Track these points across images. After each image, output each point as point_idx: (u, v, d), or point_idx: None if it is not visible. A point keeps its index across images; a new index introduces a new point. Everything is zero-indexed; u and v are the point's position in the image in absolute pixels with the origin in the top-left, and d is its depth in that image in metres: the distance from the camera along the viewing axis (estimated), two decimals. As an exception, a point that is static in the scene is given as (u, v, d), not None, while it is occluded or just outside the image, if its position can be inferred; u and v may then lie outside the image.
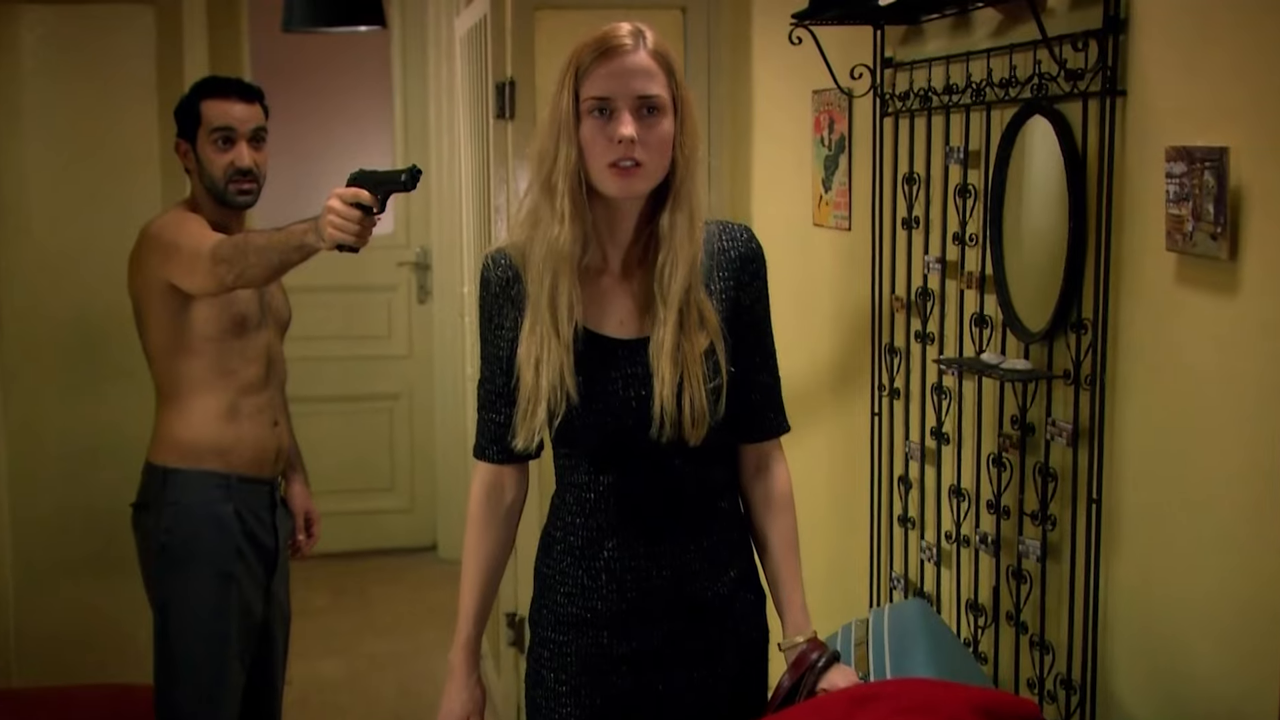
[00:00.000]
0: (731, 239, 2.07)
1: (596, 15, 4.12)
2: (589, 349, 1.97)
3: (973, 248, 2.68)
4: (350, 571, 5.96)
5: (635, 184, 1.92)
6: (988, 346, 2.63)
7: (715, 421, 1.97)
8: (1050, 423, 2.41)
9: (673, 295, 1.96)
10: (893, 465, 3.07)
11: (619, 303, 2.01)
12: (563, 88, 1.93)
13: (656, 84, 1.92)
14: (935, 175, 2.83)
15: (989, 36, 2.63)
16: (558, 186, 1.93)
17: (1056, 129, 2.38)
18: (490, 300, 2.05)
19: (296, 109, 5.95)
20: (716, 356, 1.98)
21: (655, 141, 1.92)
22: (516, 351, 1.99)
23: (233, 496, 3.01)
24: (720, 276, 2.04)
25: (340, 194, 2.47)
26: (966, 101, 2.66)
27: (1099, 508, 2.30)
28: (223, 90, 3.03)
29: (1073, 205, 2.34)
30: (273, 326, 3.13)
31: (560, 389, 1.94)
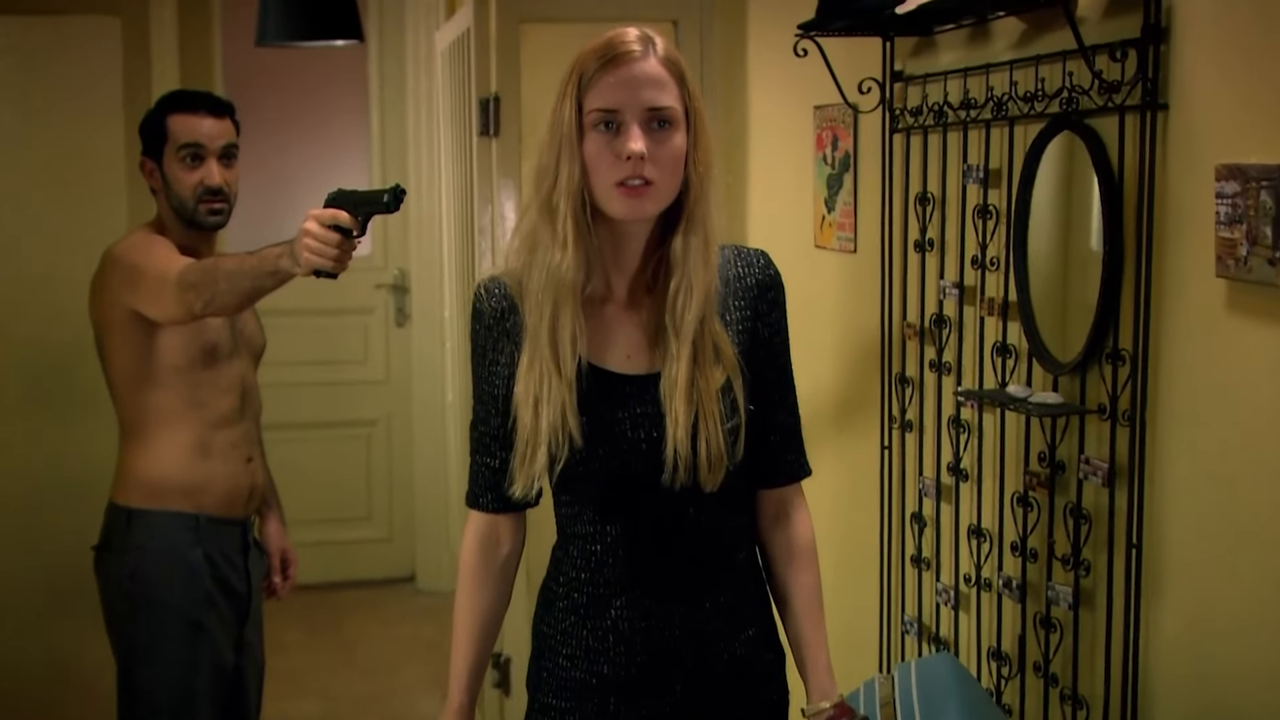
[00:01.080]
0: (748, 265, 1.90)
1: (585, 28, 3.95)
2: (594, 386, 1.79)
3: (994, 272, 2.51)
4: (325, 604, 5.76)
5: (645, 205, 1.74)
6: (1011, 378, 2.46)
7: (733, 465, 1.80)
8: (1084, 460, 2.25)
9: (686, 326, 1.78)
10: (904, 501, 2.90)
11: (626, 335, 1.84)
12: (564, 99, 1.76)
13: (668, 94, 1.75)
14: (951, 195, 2.66)
15: (1011, 48, 2.47)
16: (558, 208, 1.76)
17: (1089, 145, 2.22)
18: (483, 333, 1.87)
19: (270, 126, 5.78)
20: (734, 393, 1.80)
21: (667, 158, 1.75)
22: (513, 390, 1.82)
23: (202, 539, 2.82)
24: (736, 306, 1.87)
25: (317, 216, 2.29)
26: (986, 117, 2.50)
27: (1139, 553, 2.13)
28: (191, 104, 2.84)
29: (1107, 227, 2.17)
30: (246, 355, 2.94)
31: (562, 430, 1.77)
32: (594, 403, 1.79)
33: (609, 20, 3.79)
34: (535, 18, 3.80)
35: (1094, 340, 2.21)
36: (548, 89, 3.88)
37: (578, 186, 1.74)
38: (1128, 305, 2.15)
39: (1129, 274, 2.15)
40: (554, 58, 3.96)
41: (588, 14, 3.77)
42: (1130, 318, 2.14)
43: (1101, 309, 2.20)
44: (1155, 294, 2.09)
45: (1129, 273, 2.15)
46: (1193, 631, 2.06)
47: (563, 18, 3.81)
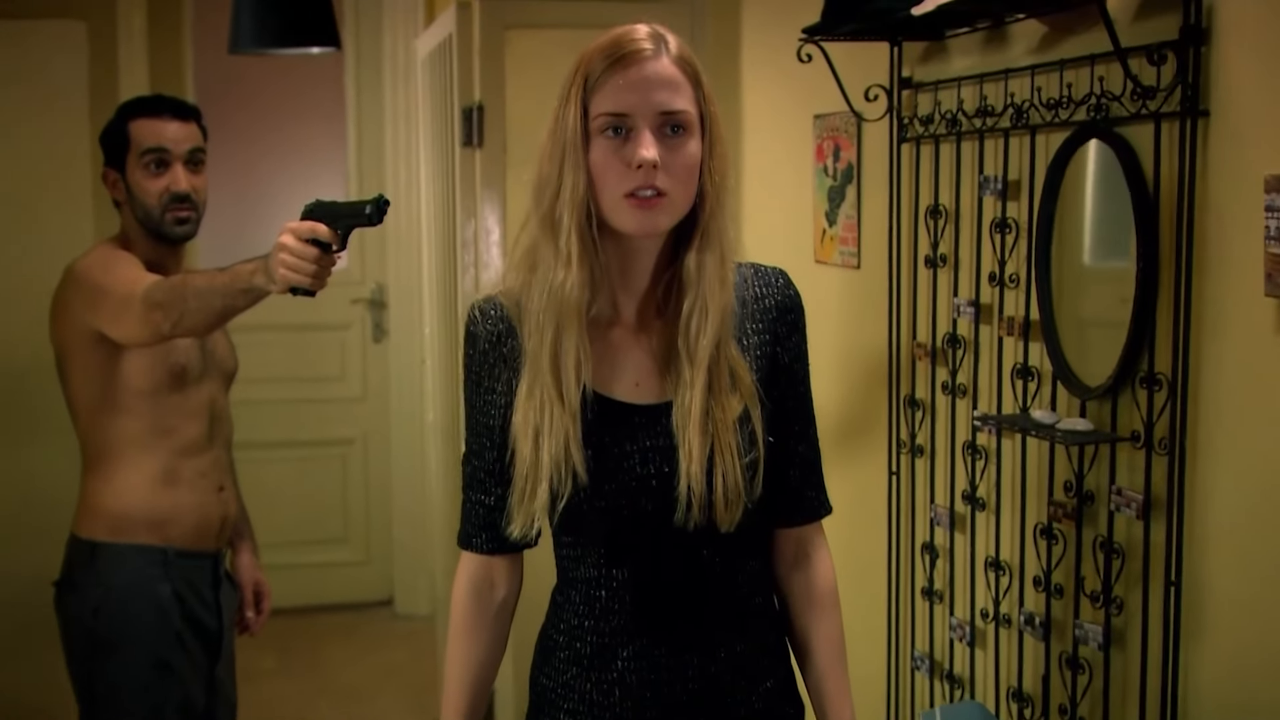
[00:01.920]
0: (766, 285, 1.75)
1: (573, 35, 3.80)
2: (599, 416, 1.64)
3: (1013, 290, 2.37)
4: (300, 629, 5.57)
5: (658, 218, 1.59)
6: (1033, 402, 2.32)
7: (751, 502, 1.65)
8: (1115, 491, 2.10)
9: (701, 351, 1.63)
10: (914, 530, 2.75)
11: (634, 361, 1.68)
12: (568, 102, 1.61)
13: (682, 97, 1.60)
14: (965, 208, 2.52)
15: (1031, 52, 2.33)
16: (562, 221, 1.60)
17: (1120, 155, 2.08)
18: (478, 359, 1.71)
19: (244, 137, 5.61)
20: (752, 424, 1.65)
21: (681, 167, 1.60)
22: (511, 420, 1.66)
23: (170, 574, 2.65)
24: (754, 329, 1.72)
25: (294, 229, 2.13)
26: (1005, 125, 2.36)
27: (1178, 590, 1.99)
28: (153, 108, 2.68)
29: (1141, 242, 2.03)
30: (216, 378, 2.77)
31: (565, 465, 1.61)
32: (600, 434, 1.64)
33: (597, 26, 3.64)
34: (521, 23, 3.65)
35: (1126, 363, 2.07)
36: (534, 98, 3.76)
37: (583, 198, 1.59)
38: (1164, 326, 2.01)
39: (1165, 292, 2.01)
40: (540, 65, 3.83)
41: (575, 20, 3.62)
42: (1167, 339, 2.00)
43: (1134, 330, 2.06)
44: (1195, 314, 1.95)
45: (1165, 291, 2.01)
46: (1236, 675, 1.92)
47: (549, 23, 3.67)
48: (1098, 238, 2.20)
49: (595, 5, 3.59)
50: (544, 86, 3.70)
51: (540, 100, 3.66)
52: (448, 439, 4.27)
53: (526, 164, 3.64)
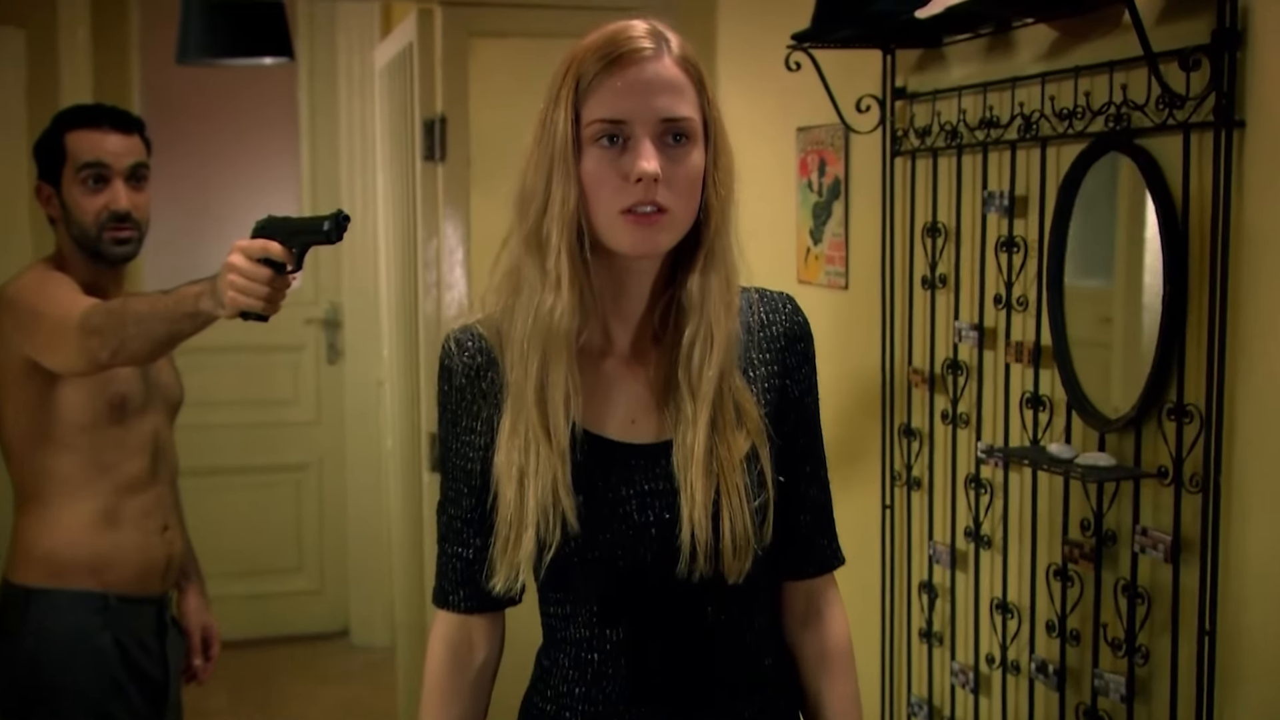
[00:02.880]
0: (773, 310, 1.58)
1: (540, 44, 3.66)
2: (591, 457, 1.47)
3: (1021, 313, 2.22)
4: (252, 663, 5.34)
5: (658, 236, 1.42)
6: (1045, 434, 2.16)
7: (762, 549, 1.48)
8: (1140, 531, 1.95)
9: (705, 384, 1.46)
10: (910, 568, 2.59)
11: (629, 395, 1.51)
12: (556, 106, 1.43)
13: (685, 102, 1.43)
14: (967, 226, 2.37)
15: (1039, 59, 2.18)
16: (550, 240, 1.43)
17: (1143, 169, 1.93)
18: (454, 395, 1.53)
19: (193, 151, 5.40)
20: (760, 464, 1.48)
21: (683, 179, 1.43)
22: (492, 461, 1.48)
23: (111, 622, 2.44)
24: (761, 360, 1.55)
25: (245, 248, 1.94)
26: (1012, 137, 2.21)
27: (1213, 640, 1.84)
28: (92, 119, 2.47)
29: (1169, 263, 1.89)
30: (160, 409, 2.57)
31: (553, 511, 1.43)
32: (592, 477, 1.47)
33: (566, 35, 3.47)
34: (485, 31, 3.48)
35: (1151, 393, 1.92)
36: (499, 109, 3.59)
37: (573, 213, 1.42)
38: (1195, 354, 1.86)
39: (1195, 317, 1.86)
40: (506, 75, 3.67)
41: (543, 28, 3.46)
42: (1199, 368, 1.85)
43: (1160, 357, 1.91)
44: (1231, 341, 1.81)
45: (1195, 316, 1.86)
46: (1277, 733, 1.77)
47: (515, 32, 3.50)
48: (1117, 258, 2.05)
49: (564, 12, 3.43)
50: (510, 97, 3.57)
51: (506, 112, 3.54)
52: (407, 464, 4.08)
53: (492, 178, 3.51)
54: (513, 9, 3.49)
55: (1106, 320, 2.07)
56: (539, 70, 3.50)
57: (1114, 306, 2.06)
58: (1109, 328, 2.07)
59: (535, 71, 3.46)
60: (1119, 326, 2.05)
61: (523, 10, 3.49)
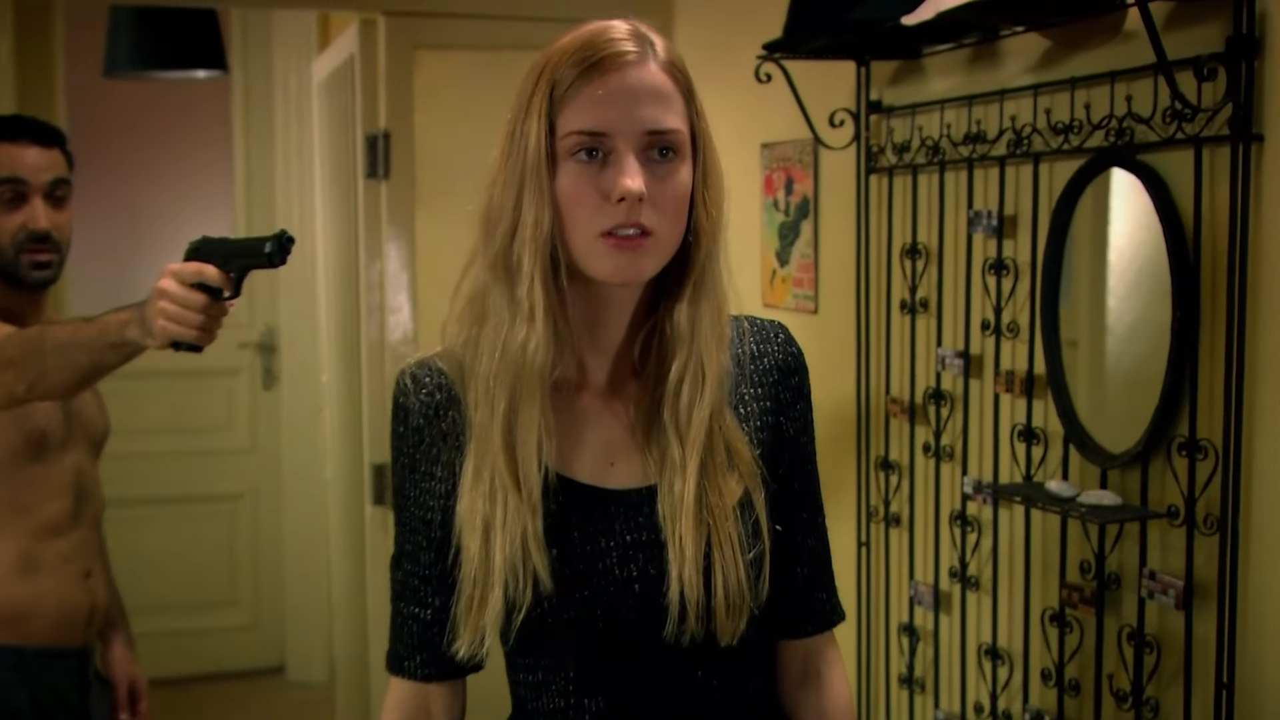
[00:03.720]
0: (764, 341, 1.43)
1: (488, 56, 3.53)
2: (567, 506, 1.31)
3: (1011, 340, 2.09)
4: (184, 702, 5.11)
5: (642, 262, 1.27)
6: (1039, 469, 2.03)
7: (758, 606, 1.32)
8: (1148, 575, 1.82)
9: (695, 426, 1.31)
10: (888, 610, 2.45)
11: (607, 436, 1.35)
12: (527, 115, 1.27)
13: (673, 113, 1.28)
14: (951, 246, 2.24)
15: (1030, 70, 2.05)
16: (520, 265, 1.27)
17: (1148, 186, 1.81)
18: (410, 438, 1.37)
19: (121, 167, 5.19)
20: (755, 511, 1.33)
21: (670, 199, 1.27)
22: (455, 510, 1.32)
23: (29, 678, 2.23)
24: (753, 395, 1.40)
25: (177, 272, 1.78)
26: (1000, 153, 2.08)
27: (1230, 693, 1.71)
28: (8, 131, 2.27)
29: (1177, 287, 1.76)
30: (83, 445, 2.37)
31: (524, 567, 1.27)
32: (567, 528, 1.31)
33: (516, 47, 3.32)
34: (431, 43, 3.32)
35: (1159, 426, 1.79)
36: (445, 124, 3.42)
37: (547, 236, 1.26)
38: (1207, 384, 1.73)
39: (1208, 345, 1.73)
40: (452, 89, 3.50)
41: (491, 40, 3.32)
42: (1212, 400, 1.72)
43: (1169, 388, 1.78)
44: (1249, 370, 1.68)
45: (1208, 344, 1.73)
46: (1300, 793, 1.64)
47: (462, 44, 3.35)
48: (1118, 281, 1.92)
49: (514, 24, 3.29)
50: (457, 112, 3.42)
51: (453, 127, 3.39)
52: (349, 495, 3.90)
53: (438, 197, 3.35)
54: (460, 20, 3.33)
55: (1107, 348, 1.94)
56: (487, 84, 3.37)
57: (1115, 333, 1.93)
58: (1109, 356, 1.94)
59: (483, 85, 3.37)
60: (1121, 355, 1.92)
61: (470, 21, 3.33)
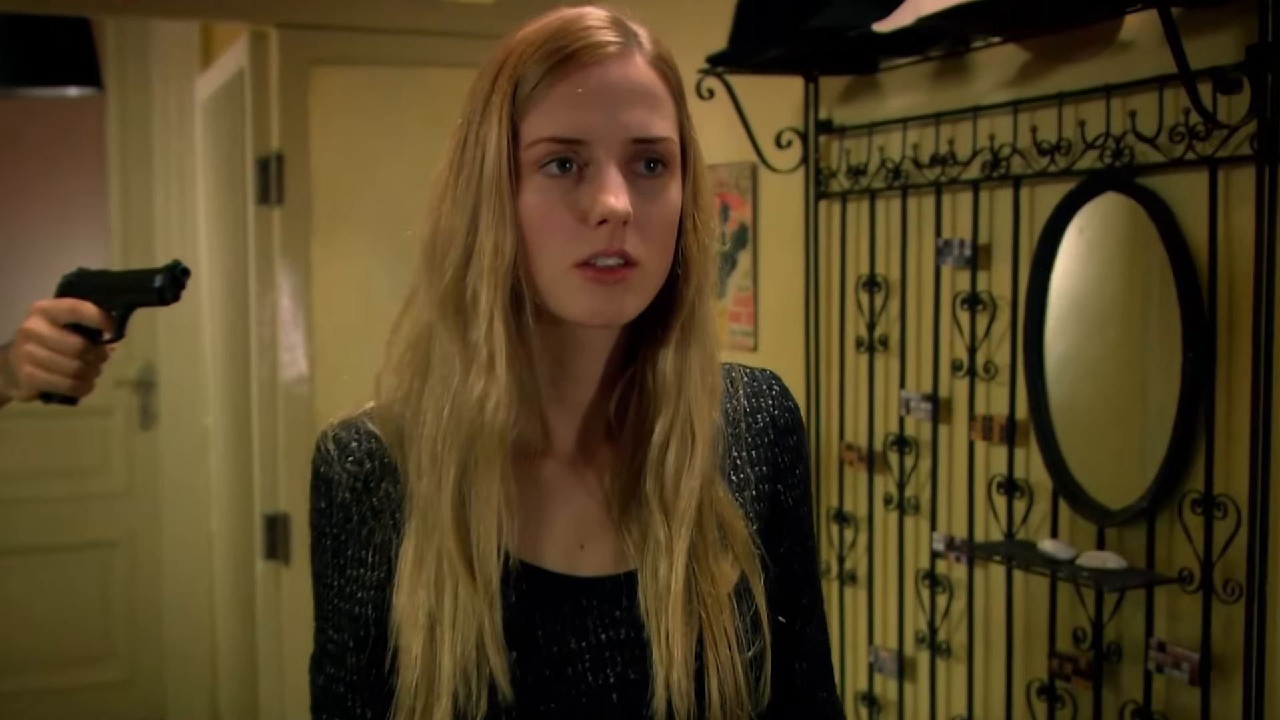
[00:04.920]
0: (757, 394, 1.21)
1: (391, 73, 3.27)
2: (530, 598, 1.07)
3: (988, 382, 1.90)
4: (54, 767, 4.76)
5: (624, 300, 1.04)
6: (1023, 524, 1.83)
7: (757, 715, 1.10)
8: (1156, 646, 1.63)
9: (683, 497, 1.08)
10: (844, 677, 2.24)
11: (576, 512, 1.12)
12: (485, 120, 1.04)
13: (663, 118, 1.06)
14: (915, 279, 2.04)
15: (1006, 85, 1.87)
16: (476, 301, 1.04)
17: (1151, 212, 1.62)
18: (334, 515, 1.12)
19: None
20: (754, 600, 1.11)
21: (659, 222, 1.05)
22: (391, 604, 1.07)
23: None
24: (748, 459, 1.17)
25: (48, 310, 1.52)
26: (974, 176, 1.89)
27: (1256, 782, 1.52)
28: None
29: (1188, 325, 1.58)
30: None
31: (478, 674, 1.04)
32: (531, 626, 1.07)
33: (421, 64, 3.11)
34: (328, 58, 3.07)
35: (1167, 480, 1.61)
36: (344, 145, 3.16)
37: (508, 265, 1.03)
38: (1226, 433, 1.55)
39: (1226, 389, 1.55)
40: (351, 107, 3.24)
41: (394, 55, 3.08)
42: (1232, 452, 1.54)
43: (1179, 437, 1.59)
44: (1278, 418, 1.50)
45: (1226, 388, 1.55)
46: None
47: (363, 59, 3.10)
48: (1112, 318, 1.74)
49: (418, 38, 3.06)
50: (357, 132, 3.15)
51: (353, 149, 3.12)
52: (237, 548, 3.62)
53: (337, 224, 3.08)
54: (361, 33, 3.08)
55: (1100, 391, 1.75)
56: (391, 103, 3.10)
57: (1109, 376, 1.74)
58: (1103, 401, 1.75)
59: (387, 104, 3.11)
60: (1117, 400, 1.73)
61: (372, 35, 3.08)
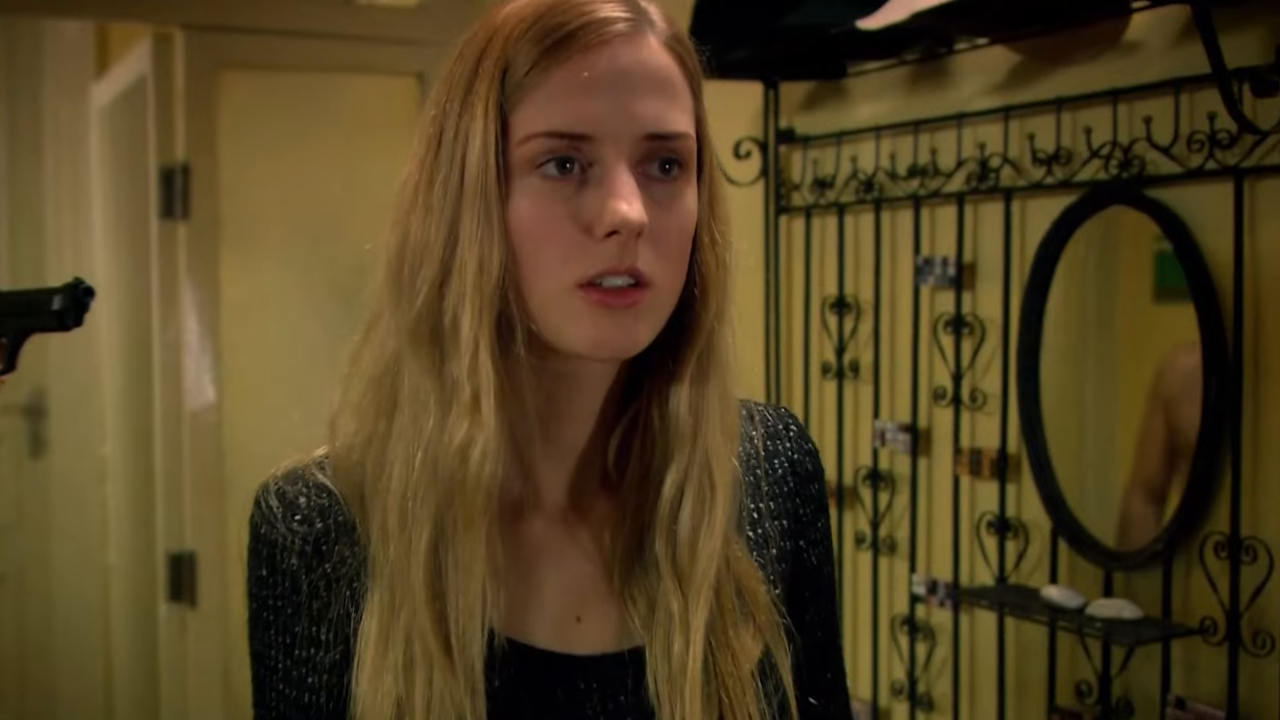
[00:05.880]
0: (774, 435, 1.04)
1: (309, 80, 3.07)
2: (517, 682, 0.90)
3: (974, 411, 1.75)
4: (-66, 821, 4.46)
5: (635, 327, 0.87)
6: (1016, 568, 1.69)
7: None
8: (1174, 703, 1.48)
9: (701, 561, 0.91)
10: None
11: (571, 579, 0.94)
12: (465, 110, 0.86)
13: (680, 110, 0.88)
14: (890, 300, 1.89)
15: (994, 90, 1.72)
16: (457, 329, 0.86)
17: (1165, 227, 1.48)
18: (278, 585, 0.93)
19: None
20: (779, 678, 0.94)
21: (676, 235, 0.88)
22: (350, 690, 0.89)
23: None
24: (767, 511, 1.00)
25: (-77, 337, 1.30)
26: (958, 188, 1.75)
27: None
28: None
29: (1210, 350, 1.44)
30: None
31: None
32: (519, 714, 0.89)
33: (340, 70, 2.91)
34: (239, 62, 2.86)
35: (1186, 520, 1.47)
36: (256, 156, 2.95)
37: (495, 285, 0.85)
38: (1254, 470, 1.42)
39: (1254, 421, 1.42)
40: (263, 115, 3.03)
41: (309, 60, 2.88)
42: (1263, 489, 1.40)
43: (1200, 473, 1.45)
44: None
45: (1253, 419, 1.42)
46: None
47: (275, 64, 2.90)
48: (1120, 342, 1.60)
49: (334, 43, 2.87)
50: (270, 142, 2.93)
51: (265, 159, 2.91)
52: (137, 588, 3.37)
53: (248, 240, 2.86)
54: (272, 36, 2.87)
55: (1104, 423, 1.61)
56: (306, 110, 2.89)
57: (1114, 405, 1.60)
58: (1108, 433, 1.61)
59: (301, 112, 2.90)
60: (1124, 432, 1.59)
61: (284, 38, 2.87)
